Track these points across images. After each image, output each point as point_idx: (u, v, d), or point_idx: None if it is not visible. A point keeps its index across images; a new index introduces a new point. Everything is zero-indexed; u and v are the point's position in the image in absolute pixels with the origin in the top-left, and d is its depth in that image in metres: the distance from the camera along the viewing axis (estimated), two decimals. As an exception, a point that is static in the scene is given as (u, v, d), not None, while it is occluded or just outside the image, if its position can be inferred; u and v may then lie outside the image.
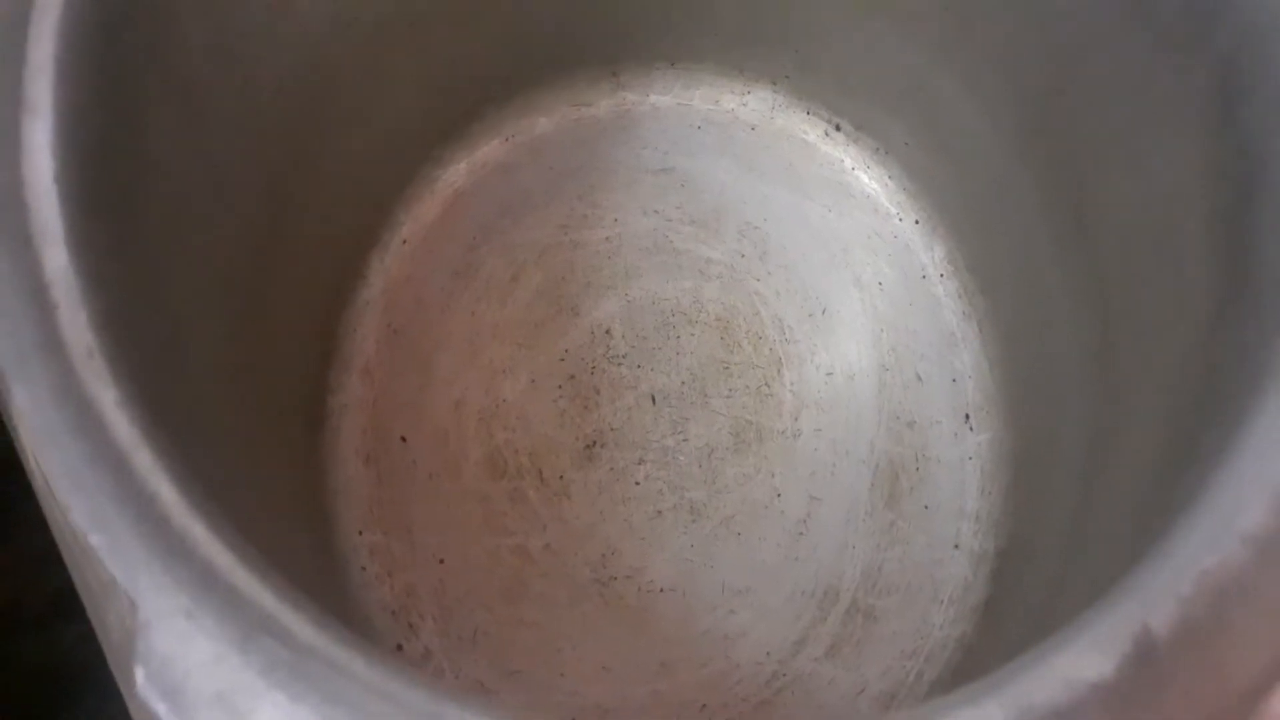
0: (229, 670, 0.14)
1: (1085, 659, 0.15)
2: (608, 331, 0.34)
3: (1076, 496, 0.26)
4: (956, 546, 0.31)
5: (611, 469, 0.33)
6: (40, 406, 0.16)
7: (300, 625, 0.15)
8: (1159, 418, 0.22)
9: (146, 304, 0.19)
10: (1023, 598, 0.28)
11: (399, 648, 0.30)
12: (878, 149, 0.36)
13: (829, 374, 0.34)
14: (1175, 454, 0.20)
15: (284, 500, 0.29)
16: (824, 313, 0.35)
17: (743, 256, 0.36)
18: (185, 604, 0.15)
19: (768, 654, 0.30)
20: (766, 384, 0.34)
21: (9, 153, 0.17)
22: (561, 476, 0.33)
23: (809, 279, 0.35)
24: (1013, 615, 0.28)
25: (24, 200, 0.17)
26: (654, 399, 0.34)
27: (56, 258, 0.17)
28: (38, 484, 0.36)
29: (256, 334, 0.28)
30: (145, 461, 0.16)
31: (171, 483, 0.16)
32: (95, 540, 0.15)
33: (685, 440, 0.33)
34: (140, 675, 0.14)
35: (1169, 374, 0.22)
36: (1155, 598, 0.15)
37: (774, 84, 0.37)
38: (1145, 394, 0.24)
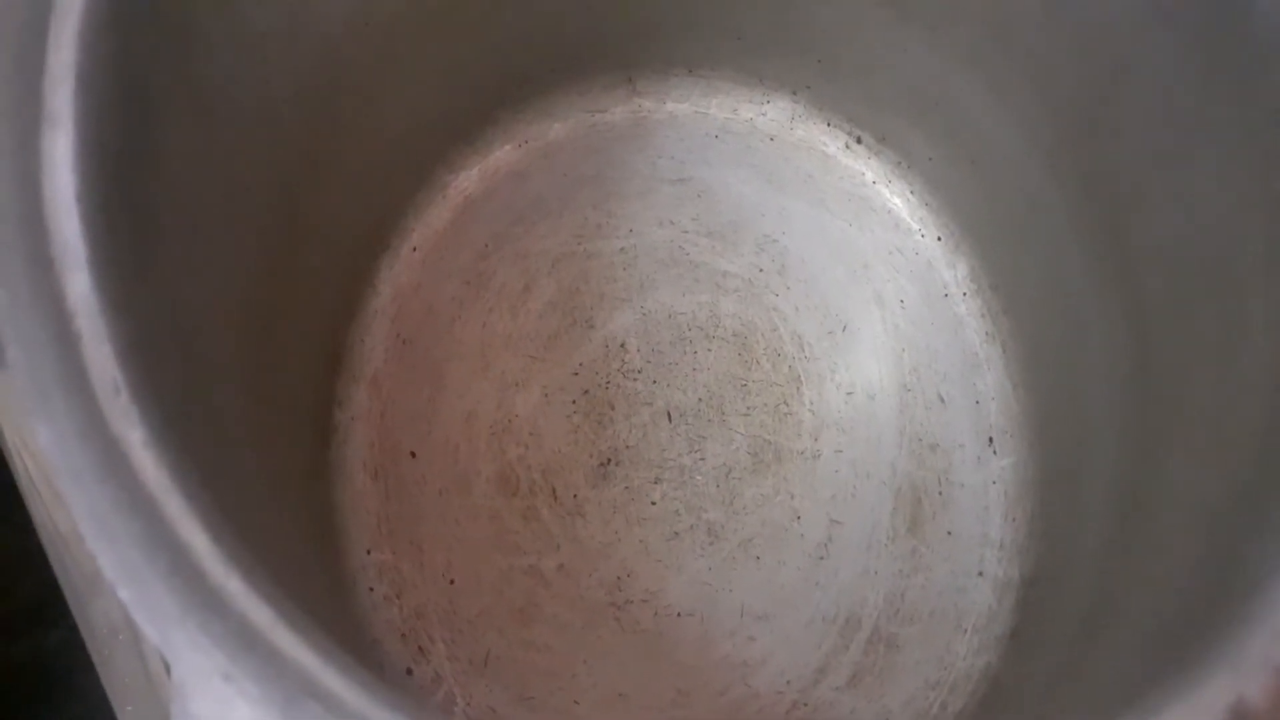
0: (272, 739, 0.13)
1: (1176, 731, 0.14)
2: (623, 345, 0.34)
3: (1112, 528, 0.26)
4: (980, 574, 0.31)
5: (627, 488, 0.32)
6: (65, 446, 0.14)
7: (347, 689, 0.14)
8: (1215, 454, 0.21)
9: (166, 329, 0.18)
10: (1052, 630, 0.27)
11: (409, 672, 0.29)
12: (899, 162, 0.36)
13: (849, 393, 0.33)
14: (1242, 496, 0.19)
15: (292, 518, 0.28)
16: (844, 330, 0.34)
17: (761, 271, 0.35)
18: (223, 664, 0.14)
19: (788, 682, 0.30)
20: (785, 402, 0.33)
21: (29, 167, 0.16)
22: (575, 495, 0.32)
23: (829, 295, 0.34)
24: (1041, 647, 0.28)
25: (44, 220, 0.16)
26: (670, 416, 0.33)
27: (79, 284, 0.16)
28: (23, 483, 0.34)
29: (266, 348, 0.27)
30: (176, 507, 0.15)
31: (204, 530, 0.15)
32: (125, 594, 0.14)
33: (702, 459, 0.32)
34: (176, 743, 0.13)
35: (1226, 407, 0.22)
36: (1249, 665, 0.14)
37: (794, 93, 0.36)
38: (1195, 426, 0.23)
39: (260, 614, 0.14)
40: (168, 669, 0.14)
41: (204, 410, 0.20)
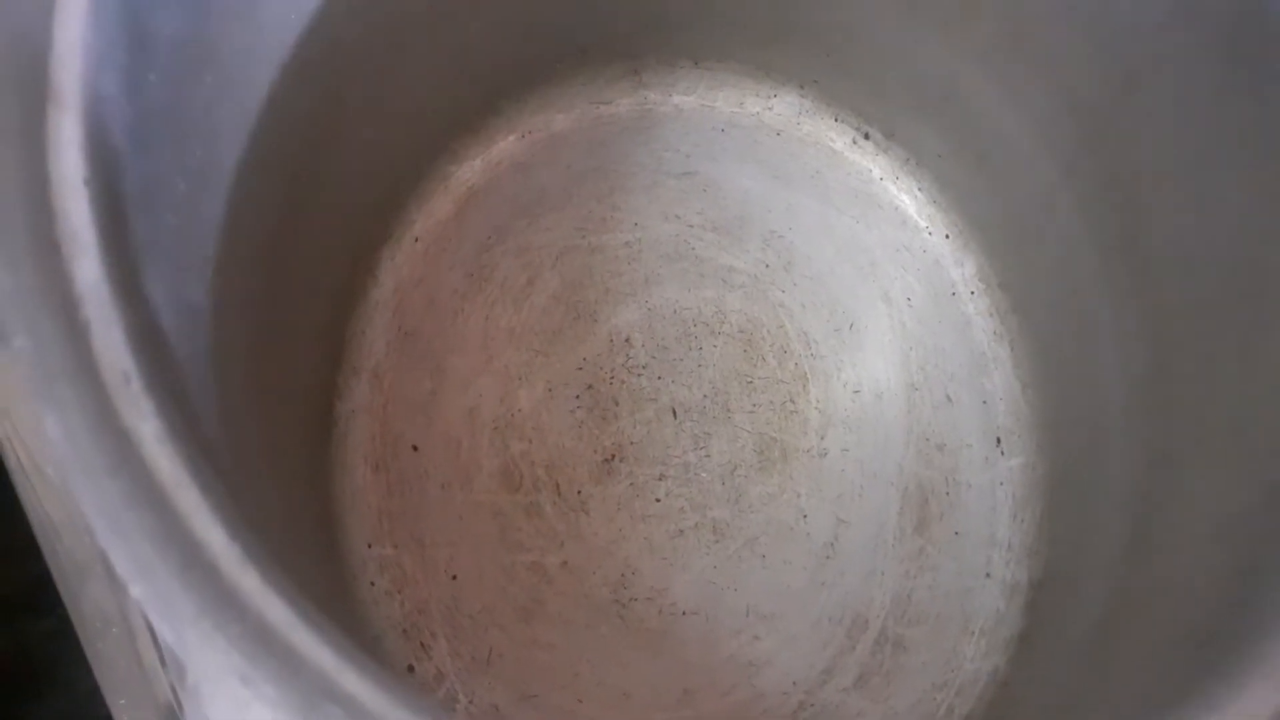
0: (291, 743, 0.13)
1: (1216, 740, 0.14)
2: (627, 340, 0.33)
3: (1127, 532, 0.26)
4: (988, 575, 0.31)
5: (631, 484, 0.31)
6: (74, 438, 0.14)
7: (369, 692, 0.13)
8: (1237, 458, 0.21)
9: (173, 320, 0.18)
10: (1063, 633, 0.27)
11: (410, 669, 0.29)
12: (908, 159, 0.35)
13: (856, 392, 0.33)
14: (1268, 500, 0.19)
15: (294, 511, 0.27)
16: (851, 328, 0.34)
17: (767, 266, 0.34)
18: (240, 666, 0.13)
19: (794, 683, 0.29)
20: (791, 400, 0.33)
21: (33, 149, 0.16)
22: (579, 491, 0.31)
23: (835, 292, 0.34)
24: (1051, 651, 0.28)
25: (50, 203, 0.15)
26: (675, 412, 0.32)
27: (88, 270, 0.15)
28: (13, 472, 0.34)
29: (268, 338, 0.26)
30: (190, 502, 0.14)
31: (220, 525, 0.14)
32: (137, 591, 0.13)
33: (708, 456, 0.32)
34: (191, 748, 0.13)
35: (1247, 411, 0.21)
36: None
37: (801, 87, 0.36)
38: (1214, 430, 0.23)
39: (278, 613, 0.14)
40: (163, 662, 0.13)
41: (213, 404, 0.19)
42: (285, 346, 0.28)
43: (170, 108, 0.20)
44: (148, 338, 0.16)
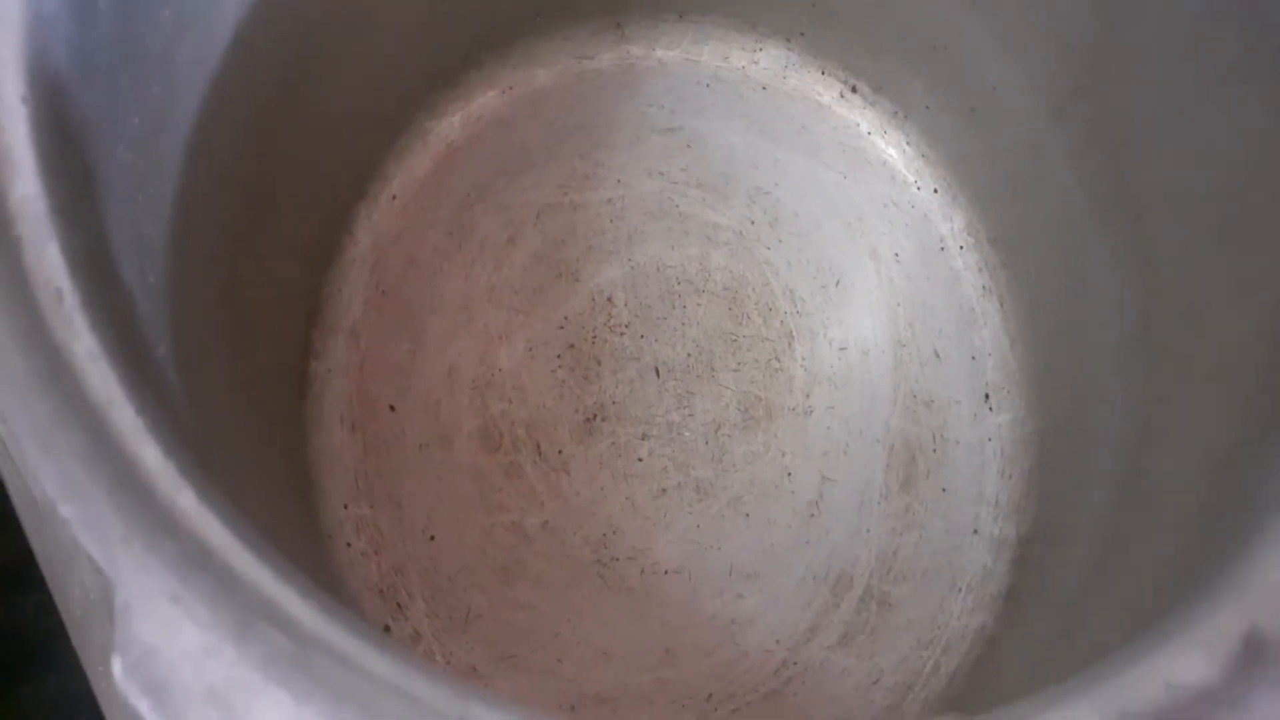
0: (223, 664, 0.12)
1: (1188, 660, 0.13)
2: (610, 299, 0.33)
3: (1115, 485, 0.25)
4: (975, 532, 0.30)
5: (613, 444, 0.31)
6: (2, 356, 0.13)
7: (306, 612, 0.13)
8: (1224, 404, 0.20)
9: (124, 246, 0.17)
10: (1050, 588, 0.27)
11: (386, 629, 0.28)
12: (896, 112, 0.35)
13: (842, 349, 0.32)
14: (1250, 441, 0.18)
15: (266, 469, 0.27)
16: (837, 284, 0.33)
17: (752, 223, 0.34)
18: (171, 586, 0.13)
19: (777, 641, 0.29)
20: (777, 358, 0.32)
21: (-33, 65, 0.15)
22: (560, 451, 0.31)
23: (822, 249, 0.33)
24: (1038, 606, 0.27)
25: (-15, 119, 0.15)
26: (658, 371, 0.32)
27: (22, 186, 0.15)
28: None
29: (239, 287, 0.26)
30: (125, 419, 0.14)
31: (155, 443, 0.14)
32: (66, 511, 0.13)
33: (691, 415, 0.31)
34: (119, 666, 0.12)
35: (1234, 356, 0.21)
36: (1264, 594, 0.14)
37: (787, 40, 0.35)
38: (1201, 378, 0.22)
39: (214, 533, 0.13)
40: (111, 595, 0.13)
41: (168, 339, 0.19)
42: (256, 301, 0.27)
43: (123, 38, 0.19)
44: (89, 260, 0.15)
